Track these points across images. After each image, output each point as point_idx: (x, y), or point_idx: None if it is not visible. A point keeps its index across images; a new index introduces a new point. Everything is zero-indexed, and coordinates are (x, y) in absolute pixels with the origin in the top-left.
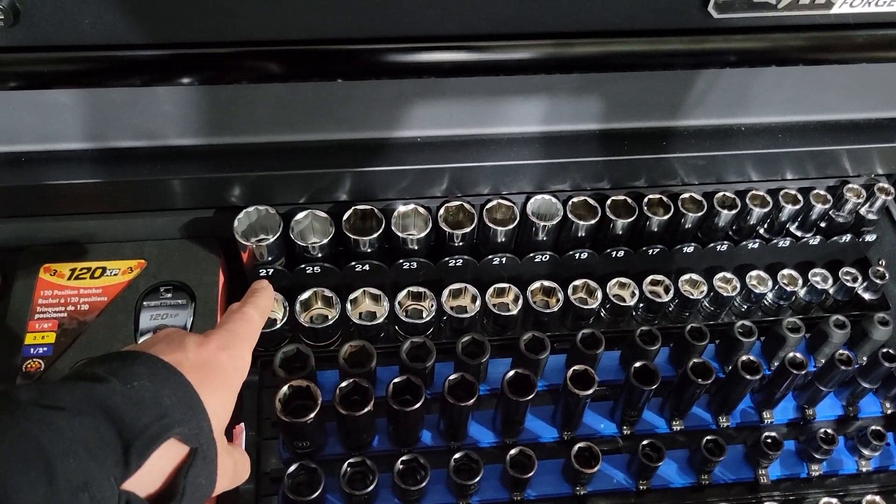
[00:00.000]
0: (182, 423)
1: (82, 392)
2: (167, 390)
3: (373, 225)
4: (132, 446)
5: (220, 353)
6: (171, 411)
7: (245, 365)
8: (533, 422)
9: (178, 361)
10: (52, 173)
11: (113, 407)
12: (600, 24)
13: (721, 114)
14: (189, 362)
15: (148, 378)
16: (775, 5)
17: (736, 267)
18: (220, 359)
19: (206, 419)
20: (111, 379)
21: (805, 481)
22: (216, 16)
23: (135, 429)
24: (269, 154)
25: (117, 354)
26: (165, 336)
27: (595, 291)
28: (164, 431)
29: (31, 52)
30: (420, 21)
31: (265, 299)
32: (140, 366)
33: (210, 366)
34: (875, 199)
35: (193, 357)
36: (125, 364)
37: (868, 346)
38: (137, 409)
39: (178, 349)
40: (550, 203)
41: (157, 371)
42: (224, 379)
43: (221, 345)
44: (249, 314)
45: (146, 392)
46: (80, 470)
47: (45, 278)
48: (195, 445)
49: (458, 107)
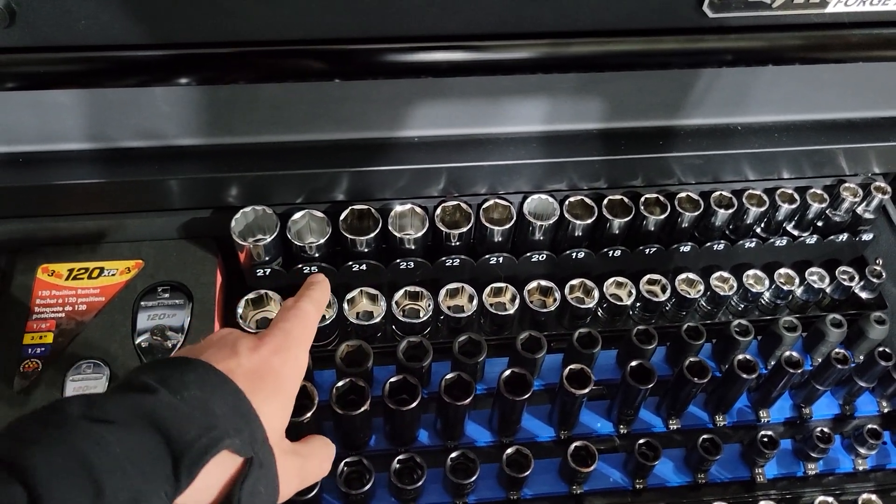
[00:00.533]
0: (234, 434)
1: (131, 404)
2: (218, 399)
3: (370, 225)
4: (182, 461)
5: (273, 357)
6: (222, 422)
7: (301, 367)
8: (529, 421)
9: (230, 369)
10: (49, 173)
11: (161, 420)
12: (596, 24)
13: (717, 113)
14: (242, 369)
15: (198, 387)
16: (770, 4)
17: (733, 266)
18: (274, 363)
19: (259, 428)
20: (160, 389)
21: (801, 480)
22: (213, 16)
23: (184, 442)
24: (267, 154)
25: (170, 361)
26: (219, 339)
27: (592, 291)
28: (214, 444)
29: (28, 53)
30: (417, 21)
31: (321, 293)
32: (191, 373)
33: (263, 371)
34: (872, 198)
35: (246, 363)
36: (176, 372)
37: (865, 345)
38: (187, 422)
39: (230, 355)
40: (547, 203)
41: (208, 380)
42: (279, 384)
43: (275, 348)
44: (305, 311)
45: (196, 403)
46: (129, 486)
47: (43, 279)
48: (250, 455)
49: (455, 106)
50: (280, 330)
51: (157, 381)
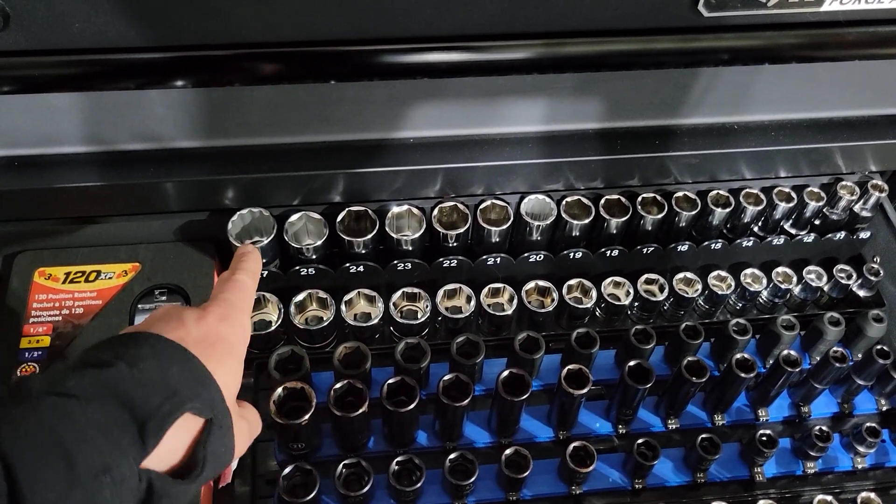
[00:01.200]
0: (194, 398)
1: (91, 378)
2: (175, 368)
3: (367, 226)
4: (147, 426)
5: (219, 324)
6: (181, 388)
7: (245, 332)
8: (528, 421)
9: (180, 338)
10: (45, 177)
11: (123, 390)
12: (591, 24)
13: (714, 112)
14: (191, 337)
15: (153, 358)
16: (765, 3)
17: (730, 265)
18: (221, 330)
19: (217, 391)
20: (117, 363)
21: (800, 479)
22: (208, 18)
23: (147, 409)
24: (263, 156)
25: (120, 338)
26: (163, 314)
27: (590, 291)
28: (176, 408)
29: (22, 56)
30: (412, 22)
31: (253, 262)
32: (144, 347)
33: (212, 338)
34: (869, 196)
35: (195, 332)
36: (129, 347)
37: (863, 343)
38: (147, 390)
39: (178, 326)
40: (544, 203)
41: (161, 350)
42: (228, 349)
43: (220, 315)
44: (242, 281)
45: (154, 372)
46: (99, 453)
47: (40, 282)
48: (210, 416)
49: (452, 107)
50: (222, 300)
51: (114, 355)
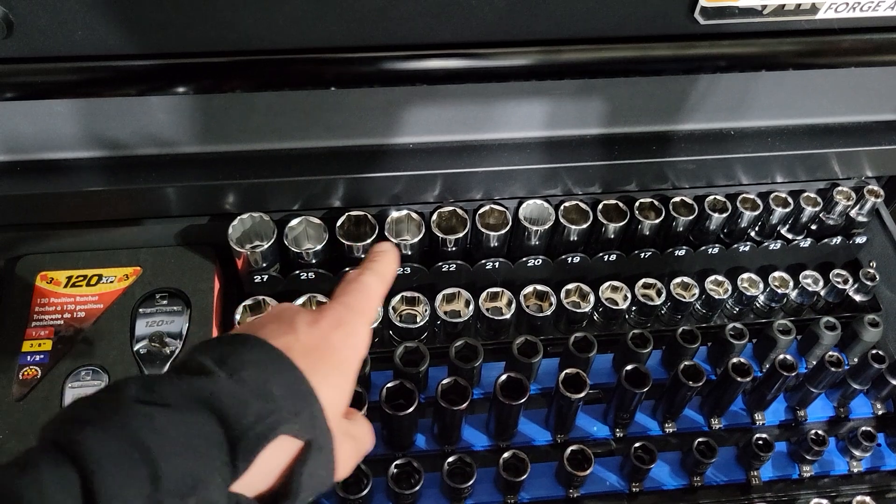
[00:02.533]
0: (292, 417)
1: (188, 387)
2: (277, 380)
3: (366, 231)
4: (239, 446)
5: (332, 332)
6: (280, 404)
7: (362, 343)
8: (526, 425)
9: (287, 345)
10: (47, 182)
11: (219, 403)
12: (589, 31)
13: (711, 118)
14: (300, 345)
15: (256, 367)
16: (761, 11)
17: (727, 270)
18: (333, 339)
19: (319, 409)
20: (217, 371)
21: (797, 482)
22: (209, 25)
23: (241, 427)
24: (263, 161)
25: (229, 339)
26: (277, 315)
27: (588, 295)
28: (271, 429)
29: (25, 64)
30: (412, 29)
31: (387, 264)
32: (248, 353)
33: (322, 348)
34: (865, 202)
35: (304, 339)
36: (233, 351)
37: (858, 348)
38: (244, 406)
39: (287, 331)
40: (543, 208)
41: (265, 358)
42: (338, 361)
43: (335, 322)
44: (367, 284)
45: (254, 384)
46: (188, 472)
47: (42, 286)
48: (309, 438)
49: (451, 113)
50: (340, 304)
51: (215, 361)
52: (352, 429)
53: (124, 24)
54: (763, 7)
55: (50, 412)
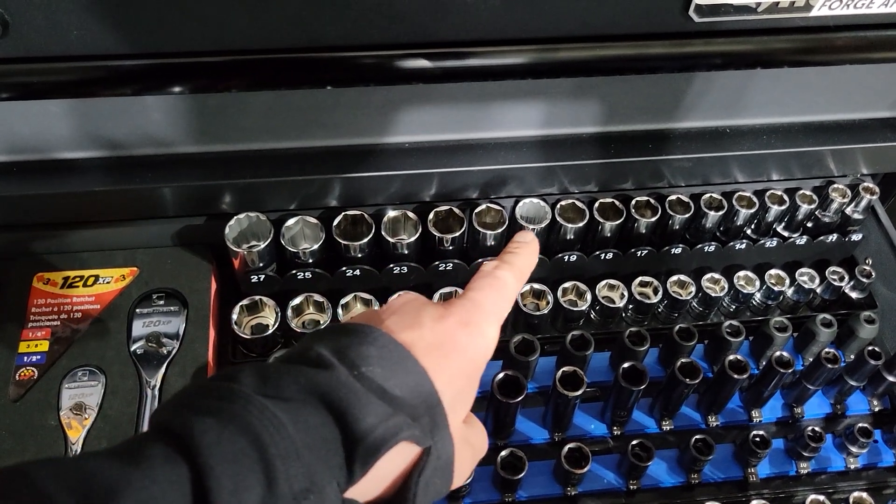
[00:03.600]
0: (413, 422)
1: (306, 381)
2: (399, 379)
3: (363, 230)
4: (356, 451)
5: (459, 330)
6: (402, 406)
7: (490, 343)
8: (523, 423)
9: (411, 341)
10: (43, 183)
11: (338, 401)
12: (583, 29)
13: (706, 116)
14: (424, 342)
15: (378, 363)
16: (755, 9)
17: (724, 267)
18: (460, 338)
19: (441, 414)
20: (337, 365)
21: (794, 479)
22: (205, 25)
23: (360, 430)
24: (259, 161)
25: (350, 329)
26: (402, 305)
27: (584, 293)
28: (392, 435)
29: (21, 64)
30: (407, 28)
31: (525, 258)
32: (370, 346)
33: (447, 346)
34: (860, 199)
35: (430, 335)
36: (355, 343)
37: (855, 345)
38: (364, 406)
39: (412, 325)
40: (539, 206)
41: (388, 354)
42: (463, 362)
43: (463, 320)
44: (501, 280)
45: (375, 382)
46: (303, 475)
47: (39, 287)
48: (428, 445)
49: (446, 112)
50: (469, 300)
51: (335, 354)
52: (471, 433)
53: (120, 24)
54: (757, 4)
55: (47, 413)
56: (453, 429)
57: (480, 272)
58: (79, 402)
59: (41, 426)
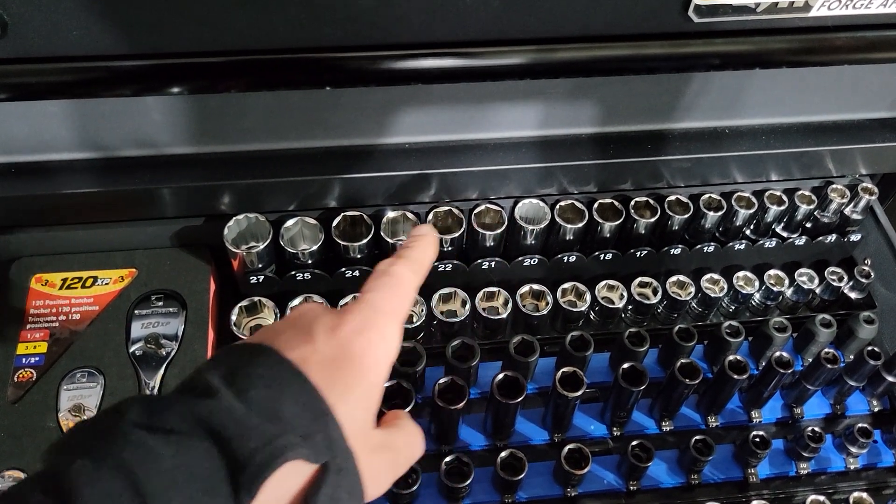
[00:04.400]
0: (303, 440)
1: (190, 410)
2: (288, 399)
3: (362, 231)
4: (241, 475)
5: (356, 338)
6: (290, 426)
7: (390, 346)
8: (523, 424)
9: (303, 357)
10: (42, 183)
11: (221, 428)
12: (583, 30)
13: (705, 117)
14: (317, 356)
15: (265, 385)
16: (754, 9)
17: (723, 268)
18: (356, 347)
19: (336, 428)
20: (222, 391)
21: (794, 479)
22: (204, 25)
23: (243, 454)
24: (259, 162)
25: (241, 349)
26: (298, 318)
27: (584, 294)
28: (276, 456)
29: (20, 64)
30: (407, 28)
31: (422, 251)
32: (259, 367)
33: (342, 358)
34: (859, 199)
35: (323, 348)
36: (243, 365)
37: (854, 345)
38: (248, 430)
39: (305, 340)
40: (538, 207)
41: (277, 374)
42: (361, 371)
43: (358, 326)
44: (399, 275)
45: (261, 405)
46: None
47: (37, 288)
48: (325, 461)
49: (445, 113)
50: (365, 303)
51: (223, 379)
52: (389, 439)
53: (120, 24)
54: (756, 5)
55: (45, 415)
56: (357, 440)
57: (376, 271)
58: (77, 403)
59: (40, 428)
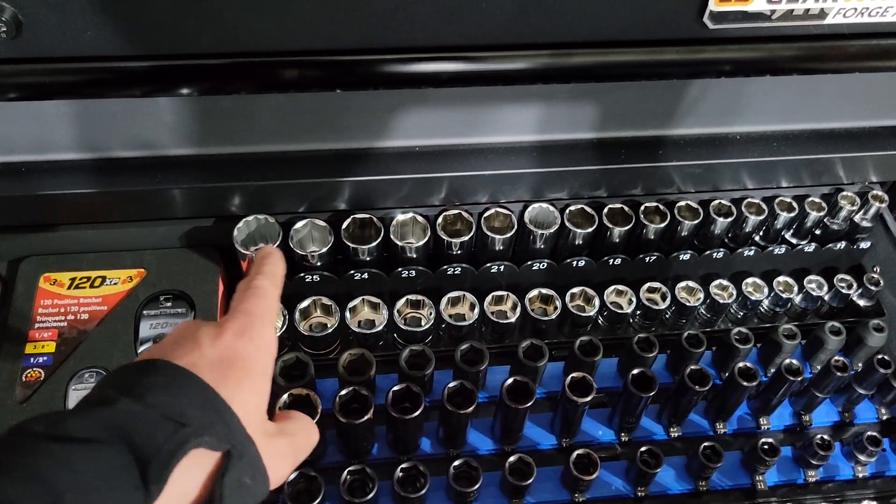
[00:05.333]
0: (205, 430)
1: (94, 418)
2: (185, 398)
3: (371, 233)
4: (150, 467)
5: (237, 340)
6: (191, 420)
7: (268, 344)
8: (531, 429)
9: (193, 363)
10: (52, 183)
11: (126, 429)
12: (597, 35)
13: (717, 122)
14: (206, 359)
15: (163, 389)
16: (769, 16)
17: (732, 274)
18: (239, 347)
19: (233, 417)
20: (123, 399)
21: (802, 487)
22: (216, 27)
23: (150, 448)
24: (269, 163)
25: (133, 367)
26: (179, 334)
27: (592, 299)
28: (179, 446)
29: (34, 64)
30: (418, 32)
31: (272, 265)
32: (153, 375)
33: (229, 357)
34: (869, 207)
35: (210, 352)
36: (138, 377)
37: (863, 353)
38: (152, 427)
39: (192, 348)
40: (548, 211)
41: (172, 379)
42: (248, 367)
43: (238, 330)
44: (261, 288)
45: (162, 406)
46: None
47: (45, 287)
48: (226, 448)
49: (456, 116)
50: (240, 312)
51: (121, 388)
52: (284, 427)
53: (132, 25)
54: (772, 12)
55: None
56: (255, 427)
57: (238, 290)
58: None
59: None
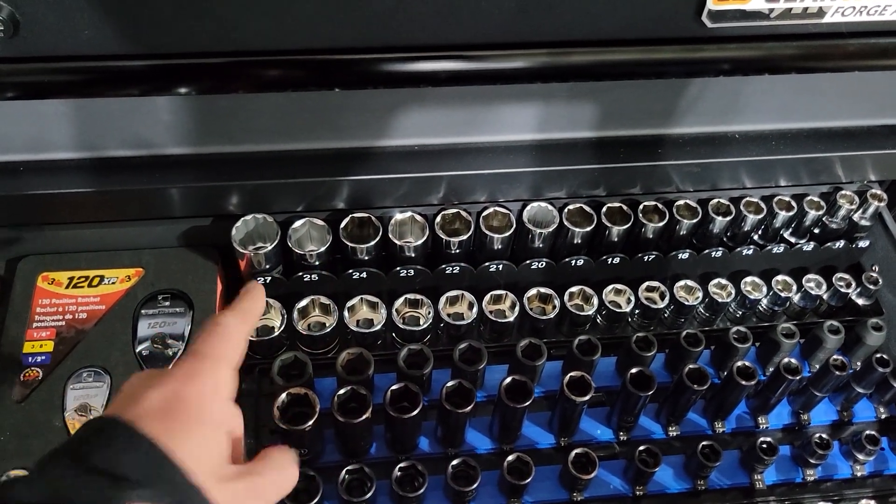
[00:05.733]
0: (143, 487)
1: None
2: (125, 456)
3: (370, 233)
4: None
5: (184, 387)
6: (129, 474)
7: (221, 387)
8: (530, 428)
9: (137, 416)
10: (50, 183)
11: (64, 491)
12: (595, 34)
13: (715, 121)
14: (150, 412)
15: (105, 448)
16: (768, 14)
17: (730, 273)
18: (186, 394)
19: (175, 471)
20: (63, 459)
21: (800, 486)
22: (214, 26)
23: None
24: (267, 163)
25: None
26: (129, 385)
27: (591, 298)
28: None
29: (31, 63)
30: (417, 30)
31: (248, 301)
32: (98, 435)
33: (174, 407)
34: (868, 206)
35: (155, 403)
36: (86, 437)
37: (862, 352)
38: (88, 488)
39: (138, 401)
40: (546, 210)
41: (113, 436)
42: (196, 414)
43: (185, 375)
44: (223, 325)
45: (100, 467)
46: None
47: (43, 287)
48: (167, 501)
49: (455, 115)
50: (193, 353)
51: (67, 452)
52: (248, 468)
53: (130, 24)
54: (770, 11)
55: (51, 414)
56: (206, 476)
57: (203, 325)
58: (84, 403)
59: (46, 427)
